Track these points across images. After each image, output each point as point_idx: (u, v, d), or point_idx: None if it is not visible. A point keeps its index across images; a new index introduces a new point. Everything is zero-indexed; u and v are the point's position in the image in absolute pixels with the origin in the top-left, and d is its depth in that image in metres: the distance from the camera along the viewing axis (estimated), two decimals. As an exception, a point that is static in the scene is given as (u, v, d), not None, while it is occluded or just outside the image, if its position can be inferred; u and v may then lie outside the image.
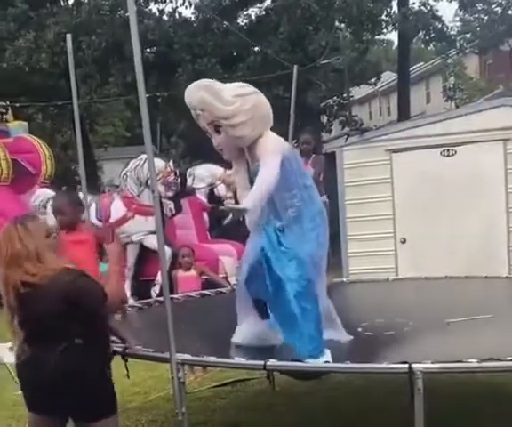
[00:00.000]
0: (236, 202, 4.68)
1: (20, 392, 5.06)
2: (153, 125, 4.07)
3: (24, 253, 3.28)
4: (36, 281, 3.27)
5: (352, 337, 4.37)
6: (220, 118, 4.10)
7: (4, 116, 15.60)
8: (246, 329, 4.30)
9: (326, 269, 4.36)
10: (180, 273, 7.55)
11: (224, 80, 4.65)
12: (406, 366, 3.34)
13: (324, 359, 3.86)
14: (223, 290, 6.99)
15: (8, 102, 16.14)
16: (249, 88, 4.26)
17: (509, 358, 3.41)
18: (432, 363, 3.40)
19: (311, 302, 3.98)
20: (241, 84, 4.34)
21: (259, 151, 4.15)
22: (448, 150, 9.02)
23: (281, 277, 3.97)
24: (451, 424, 4.67)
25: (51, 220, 13.04)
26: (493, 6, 22.97)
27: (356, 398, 5.51)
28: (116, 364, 4.46)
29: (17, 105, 17.35)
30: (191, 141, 25.75)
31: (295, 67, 6.90)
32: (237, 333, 4.37)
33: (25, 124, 16.18)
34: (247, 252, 4.43)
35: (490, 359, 3.39)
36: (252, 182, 4.21)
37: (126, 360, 4.16)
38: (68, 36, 4.96)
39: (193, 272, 7.91)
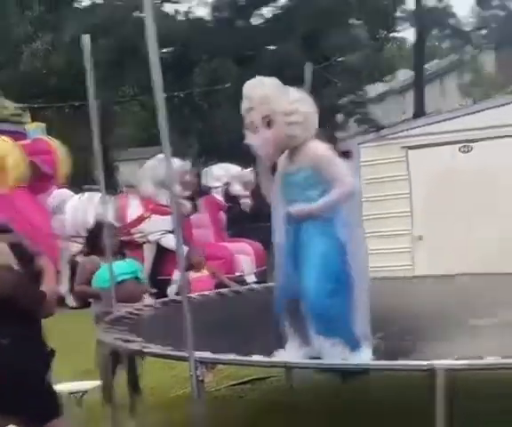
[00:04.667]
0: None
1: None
2: (168, 126, 4.11)
3: None
4: None
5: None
6: (280, 113, 4.24)
7: (22, 118, 15.72)
8: (293, 351, 4.26)
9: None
10: (192, 274, 7.54)
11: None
12: (427, 363, 3.32)
13: (365, 353, 3.97)
14: (240, 289, 6.98)
15: (25, 104, 16.27)
16: (305, 94, 4.45)
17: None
18: (453, 360, 3.37)
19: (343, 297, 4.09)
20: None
21: (311, 155, 4.28)
22: (465, 146, 8.95)
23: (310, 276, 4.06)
24: (473, 424, 4.64)
25: (68, 221, 13.13)
26: (509, 2, 22.78)
27: (377, 396, 5.49)
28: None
29: (34, 106, 17.50)
30: (207, 141, 25.82)
31: (307, 65, 6.89)
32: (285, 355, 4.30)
33: (42, 125, 16.32)
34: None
35: None
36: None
37: (143, 358, 4.18)
38: (86, 37, 4.99)
39: (205, 272, 7.92)
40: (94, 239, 6.14)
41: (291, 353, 4.26)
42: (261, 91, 4.34)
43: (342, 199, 4.26)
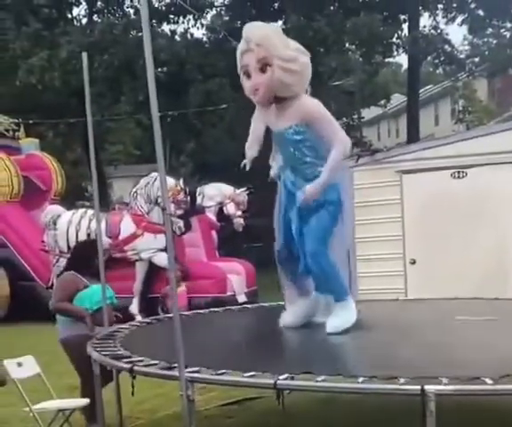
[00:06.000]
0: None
1: (28, 408, 5.09)
2: (162, 144, 4.09)
3: None
4: None
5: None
6: (278, 58, 4.19)
7: (16, 133, 15.70)
8: (294, 311, 4.78)
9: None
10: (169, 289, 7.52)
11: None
12: (419, 387, 3.31)
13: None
14: (232, 307, 6.96)
15: (20, 119, 16.26)
16: (304, 50, 4.46)
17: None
18: (445, 385, 3.36)
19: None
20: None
21: (303, 112, 4.30)
22: (459, 172, 9.00)
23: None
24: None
25: (60, 237, 13.10)
26: (502, 31, 23.06)
27: (369, 418, 5.45)
28: (124, 381, 4.46)
29: (29, 122, 17.50)
30: (200, 160, 25.86)
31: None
32: (285, 316, 4.81)
33: (36, 141, 16.32)
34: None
35: (506, 376, 3.34)
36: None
37: (134, 377, 4.14)
38: (84, 54, 5.00)
39: (182, 288, 7.94)
40: (78, 257, 6.07)
41: (290, 316, 4.76)
42: (261, 31, 4.24)
43: (342, 157, 4.32)
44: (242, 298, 12.32)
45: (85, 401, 5.46)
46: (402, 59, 32.89)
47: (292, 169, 4.53)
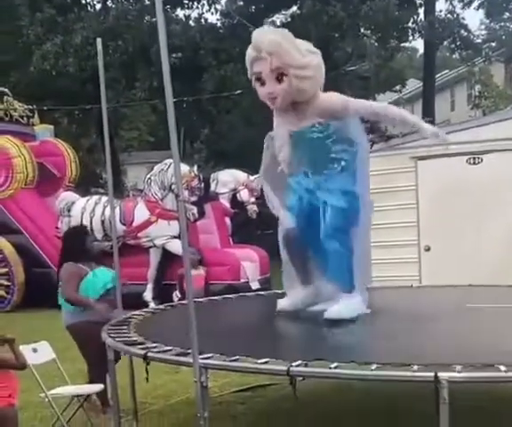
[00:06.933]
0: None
1: (44, 394, 5.14)
2: (177, 130, 4.08)
3: None
4: None
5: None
6: (292, 67, 4.16)
7: (31, 120, 15.77)
8: (293, 296, 4.77)
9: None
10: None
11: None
12: (432, 374, 3.29)
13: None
14: (245, 294, 6.97)
15: (34, 106, 16.32)
16: (314, 48, 4.42)
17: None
18: (459, 372, 3.34)
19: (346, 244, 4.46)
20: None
21: (324, 108, 4.37)
22: (474, 158, 8.91)
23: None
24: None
25: (74, 223, 13.18)
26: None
27: (383, 405, 5.44)
28: (138, 367, 4.48)
29: (44, 108, 17.55)
30: (215, 147, 25.83)
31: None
32: (283, 300, 4.81)
33: (51, 127, 16.38)
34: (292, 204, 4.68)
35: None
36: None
37: (148, 363, 4.16)
38: (99, 40, 4.99)
39: (200, 271, 7.98)
40: (71, 246, 6.08)
41: (287, 300, 4.78)
42: (272, 39, 4.19)
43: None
44: (255, 285, 12.33)
45: (100, 387, 5.51)
46: (417, 44, 32.62)
47: (313, 163, 4.56)
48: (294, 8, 21.28)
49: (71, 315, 5.80)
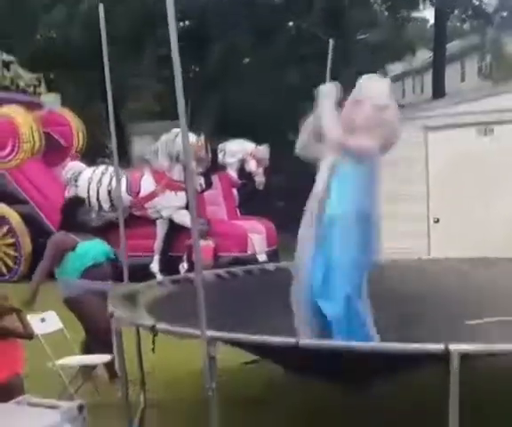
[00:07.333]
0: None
1: (51, 363, 5.14)
2: (184, 100, 4.01)
3: None
4: None
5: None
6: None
7: (37, 89, 15.67)
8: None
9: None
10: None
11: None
12: (442, 347, 3.26)
13: None
14: (252, 268, 6.94)
15: (41, 74, 16.20)
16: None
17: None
18: (469, 344, 3.32)
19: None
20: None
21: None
22: (485, 129, 8.80)
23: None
24: (485, 409, 4.57)
25: (81, 193, 13.14)
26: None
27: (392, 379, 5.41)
28: (145, 339, 4.47)
29: (50, 77, 17.43)
30: (222, 116, 25.63)
31: (331, 40, 6.73)
32: None
33: (57, 96, 16.27)
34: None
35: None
36: None
37: (155, 335, 4.14)
38: (101, 6, 4.89)
39: (209, 242, 7.95)
40: (70, 216, 6.11)
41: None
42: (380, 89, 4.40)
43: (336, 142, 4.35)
44: (262, 257, 12.29)
45: (108, 357, 5.51)
46: (428, 13, 32.11)
47: None
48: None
49: (65, 287, 5.83)
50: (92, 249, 5.87)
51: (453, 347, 3.24)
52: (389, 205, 9.09)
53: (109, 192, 12.42)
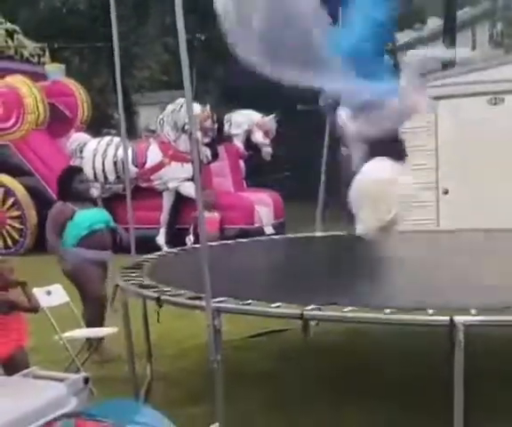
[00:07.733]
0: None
1: (58, 336, 5.13)
2: (189, 69, 3.92)
3: None
4: None
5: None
6: None
7: (41, 59, 15.52)
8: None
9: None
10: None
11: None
12: (447, 318, 3.23)
13: None
14: (259, 238, 6.89)
15: (45, 44, 16.04)
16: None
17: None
18: (474, 315, 3.27)
19: None
20: None
21: None
22: (496, 98, 8.65)
23: None
24: (491, 380, 4.53)
25: (86, 164, 13.05)
26: None
27: (393, 351, 5.40)
28: (151, 311, 4.43)
29: (54, 46, 17.26)
30: (228, 86, 25.42)
31: (340, 9, 6.59)
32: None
33: (62, 66, 16.10)
34: None
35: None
36: None
37: (160, 306, 4.11)
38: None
39: (215, 214, 7.95)
40: (65, 185, 6.07)
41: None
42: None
43: None
44: (269, 230, 12.23)
45: (114, 330, 5.49)
46: (438, -21, 31.57)
47: None
48: None
49: (66, 257, 5.81)
50: (89, 217, 5.84)
51: (458, 318, 3.20)
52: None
53: (115, 163, 12.35)
